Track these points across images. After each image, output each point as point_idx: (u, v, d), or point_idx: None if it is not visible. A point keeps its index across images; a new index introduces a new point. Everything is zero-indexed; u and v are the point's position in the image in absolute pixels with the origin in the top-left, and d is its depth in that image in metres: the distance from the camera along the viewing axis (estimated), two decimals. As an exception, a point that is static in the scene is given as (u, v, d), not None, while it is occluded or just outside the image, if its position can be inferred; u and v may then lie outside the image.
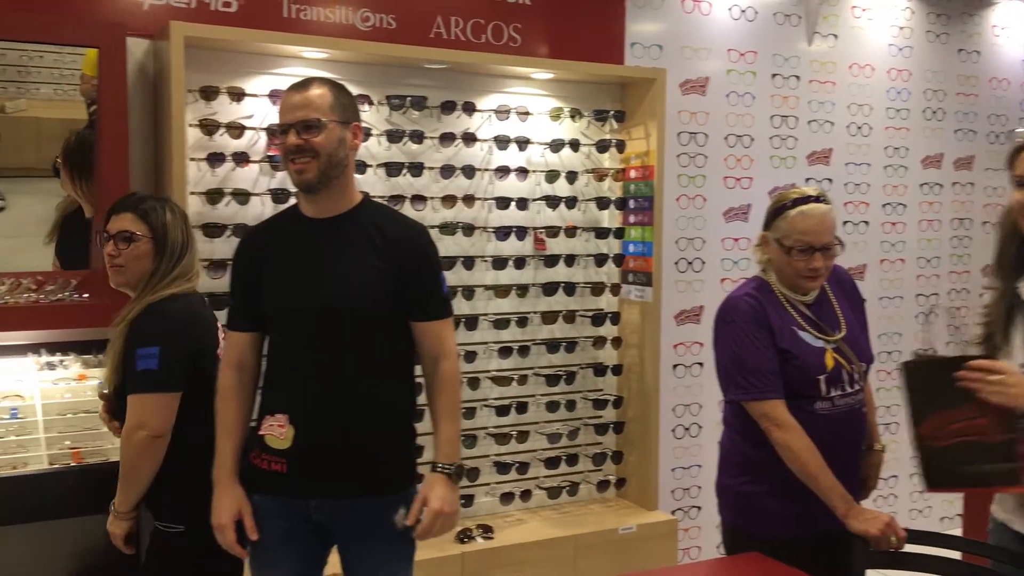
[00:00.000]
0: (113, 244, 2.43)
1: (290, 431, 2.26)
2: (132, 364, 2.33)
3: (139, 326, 2.37)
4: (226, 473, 2.30)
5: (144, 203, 2.48)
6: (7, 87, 5.27)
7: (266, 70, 3.25)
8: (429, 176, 3.53)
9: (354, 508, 2.29)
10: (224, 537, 2.26)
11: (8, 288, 3.00)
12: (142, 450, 2.33)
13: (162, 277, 2.44)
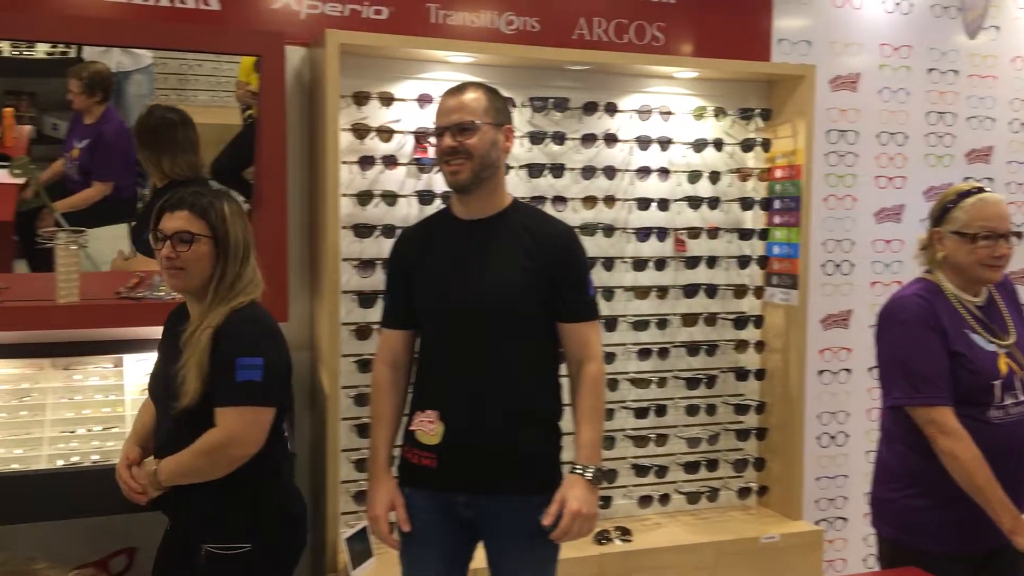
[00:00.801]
0: (170, 246, 2.22)
1: (440, 427, 2.31)
2: (228, 374, 2.16)
3: (236, 334, 2.21)
4: (380, 466, 2.38)
5: (200, 199, 2.26)
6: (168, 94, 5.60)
7: (414, 75, 3.33)
8: (570, 177, 3.54)
9: (500, 506, 2.32)
10: (378, 528, 2.34)
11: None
12: (225, 467, 2.20)
13: (233, 281, 2.26)
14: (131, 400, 2.96)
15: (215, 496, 2.25)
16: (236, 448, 2.20)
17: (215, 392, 2.18)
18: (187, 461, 2.20)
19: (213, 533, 2.26)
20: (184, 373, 2.17)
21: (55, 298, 2.96)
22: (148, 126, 3.59)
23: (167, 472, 2.22)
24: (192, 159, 3.53)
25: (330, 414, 3.09)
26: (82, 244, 3.03)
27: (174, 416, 2.20)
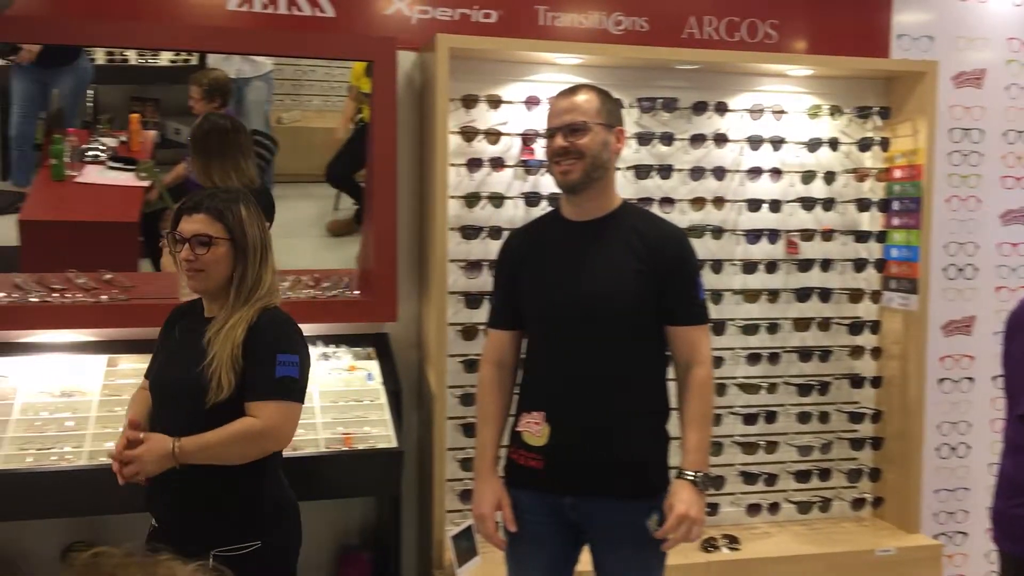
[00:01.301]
0: (188, 248, 2.20)
1: (546, 429, 2.31)
2: (268, 369, 2.16)
3: (275, 330, 2.22)
4: (487, 465, 2.39)
5: (217, 201, 2.24)
6: (283, 100, 5.77)
7: (522, 77, 3.34)
8: (678, 178, 3.49)
9: (607, 509, 2.30)
10: (485, 527, 2.35)
11: (290, 284, 3.27)
12: (252, 456, 2.19)
13: (254, 283, 2.23)
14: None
15: (215, 496, 2.19)
16: (271, 441, 2.20)
17: (251, 386, 2.17)
18: (215, 442, 2.13)
19: (218, 536, 2.17)
20: (215, 369, 2.14)
21: (177, 296, 3.08)
22: (200, 132, 3.68)
23: (188, 449, 2.11)
24: (241, 164, 3.60)
25: (436, 413, 3.13)
26: (205, 245, 3.14)
27: (205, 411, 2.15)
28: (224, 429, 2.14)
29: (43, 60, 4.19)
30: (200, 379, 2.15)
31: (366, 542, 3.38)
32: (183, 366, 2.21)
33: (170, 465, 2.11)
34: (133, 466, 2.09)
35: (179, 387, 2.21)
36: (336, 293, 3.26)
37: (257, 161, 4.79)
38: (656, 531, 2.27)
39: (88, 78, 4.47)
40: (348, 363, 3.25)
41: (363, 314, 3.27)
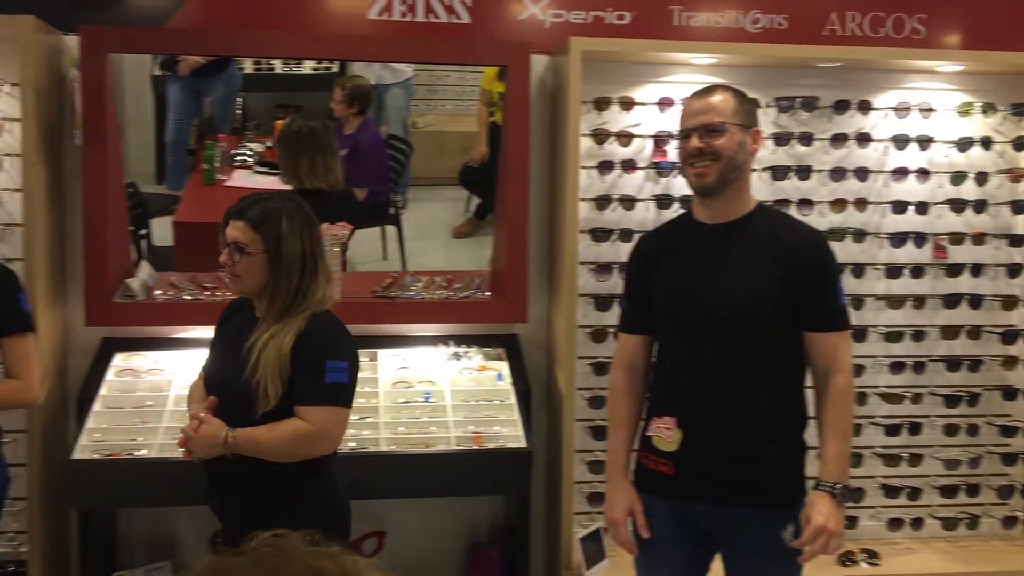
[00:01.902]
0: (227, 253, 2.22)
1: (677, 434, 2.28)
2: (318, 375, 2.18)
3: (324, 338, 2.23)
4: (619, 470, 2.38)
5: (258, 209, 2.22)
6: (418, 105, 5.91)
7: (655, 78, 3.32)
8: (817, 179, 3.38)
9: (740, 517, 2.25)
10: (617, 532, 2.34)
11: (424, 285, 3.34)
12: (300, 456, 2.21)
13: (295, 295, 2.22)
14: (384, 392, 3.14)
15: (273, 493, 2.22)
16: (322, 445, 2.22)
17: (301, 391, 2.18)
18: (265, 439, 2.17)
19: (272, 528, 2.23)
20: (260, 379, 2.16)
21: (319, 295, 3.20)
22: (290, 132, 3.79)
23: (240, 440, 2.16)
24: (329, 163, 3.70)
25: (565, 415, 3.14)
26: (344, 246, 3.25)
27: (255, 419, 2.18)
28: (276, 428, 2.18)
29: (197, 70, 4.44)
30: (247, 388, 2.18)
31: (495, 539, 3.43)
32: (230, 369, 2.24)
33: (219, 452, 2.17)
34: (189, 444, 2.18)
35: (227, 391, 2.24)
36: (468, 294, 3.31)
37: (393, 164, 4.93)
38: (792, 542, 2.21)
39: (237, 87, 4.71)
40: (479, 363, 3.30)
41: (494, 315, 3.32)
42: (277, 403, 2.17)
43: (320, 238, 2.31)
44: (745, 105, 2.28)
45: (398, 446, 2.95)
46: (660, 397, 2.37)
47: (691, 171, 2.26)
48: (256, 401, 2.17)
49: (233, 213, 2.23)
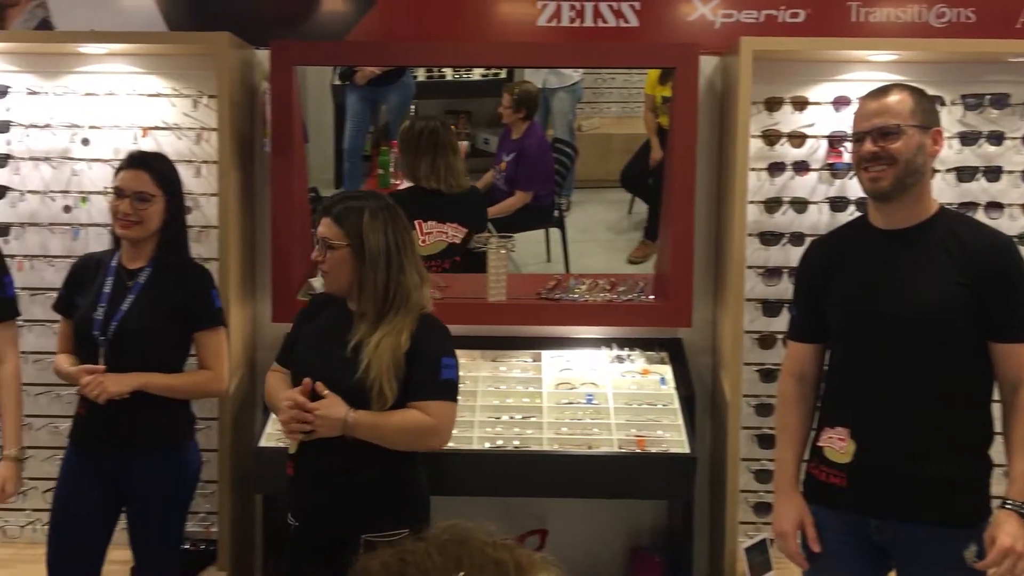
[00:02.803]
0: (318, 250, 2.32)
1: (851, 446, 2.21)
2: (435, 371, 2.29)
3: (437, 336, 2.33)
4: (788, 480, 2.33)
5: (341, 205, 2.32)
6: (583, 108, 5.95)
7: (830, 77, 3.21)
8: (1008, 181, 3.18)
9: (916, 534, 2.16)
10: (786, 545, 2.29)
11: (587, 288, 3.37)
12: (415, 447, 2.33)
13: (385, 291, 2.27)
14: (547, 393, 3.19)
15: (376, 484, 2.30)
16: (438, 438, 2.32)
17: (419, 386, 2.28)
18: (385, 426, 2.25)
19: (371, 522, 2.26)
20: (375, 378, 2.23)
21: (486, 296, 3.29)
22: (410, 133, 3.81)
23: (361, 423, 2.23)
24: (450, 161, 3.70)
25: (731, 422, 3.08)
26: (510, 248, 3.33)
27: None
28: (397, 416, 2.26)
29: (373, 80, 4.65)
30: (360, 387, 2.24)
31: (657, 544, 3.41)
32: (336, 367, 2.29)
33: (337, 433, 2.23)
34: (311, 422, 2.22)
35: (335, 389, 2.27)
36: (632, 297, 3.31)
37: (558, 168, 4.98)
38: (975, 563, 2.09)
39: (411, 94, 4.90)
40: (641, 366, 3.30)
41: (657, 319, 3.30)
42: (395, 401, 2.25)
43: (409, 235, 2.37)
44: (924, 104, 2.18)
45: (561, 446, 2.99)
46: (832, 407, 2.30)
47: (865, 175, 2.18)
48: (371, 400, 2.25)
49: (322, 211, 2.35)
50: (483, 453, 2.96)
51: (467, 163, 4.98)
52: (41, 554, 2.70)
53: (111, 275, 2.64)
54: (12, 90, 3.22)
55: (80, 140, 3.23)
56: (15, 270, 3.21)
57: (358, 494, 2.31)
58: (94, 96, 3.22)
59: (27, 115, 3.23)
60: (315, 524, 2.38)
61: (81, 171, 3.25)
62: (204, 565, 3.14)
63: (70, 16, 3.36)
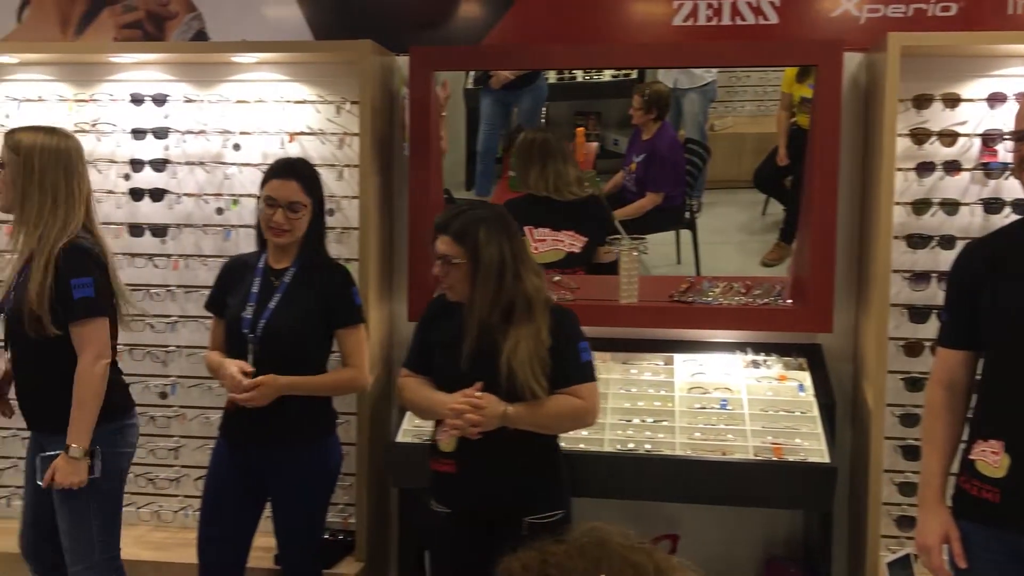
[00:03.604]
0: (439, 266, 2.43)
1: (1005, 459, 2.10)
2: (576, 356, 2.44)
3: (569, 325, 2.46)
4: (933, 493, 2.23)
5: (458, 222, 2.40)
6: (716, 107, 5.83)
7: (984, 73, 3.05)
8: None
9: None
10: (931, 560, 2.20)
11: (721, 291, 3.31)
12: (568, 430, 2.55)
13: (501, 295, 2.37)
14: (679, 396, 3.16)
15: (533, 470, 2.45)
16: (591, 416, 2.47)
17: (564, 373, 2.41)
18: (542, 414, 2.39)
19: (534, 504, 2.43)
20: (524, 382, 2.35)
21: (618, 298, 3.28)
22: (522, 143, 3.81)
23: (519, 415, 2.36)
24: (560, 169, 3.67)
25: (873, 432, 2.97)
26: (642, 251, 3.31)
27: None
28: (552, 404, 2.39)
29: (507, 84, 4.70)
30: (512, 391, 2.36)
31: (793, 555, 3.32)
32: (477, 369, 2.39)
33: (496, 427, 2.34)
34: (475, 418, 2.32)
35: (484, 388, 2.36)
36: (768, 301, 3.24)
37: (689, 168, 4.92)
38: None
39: (544, 96, 4.92)
40: (778, 372, 3.22)
41: (795, 323, 3.22)
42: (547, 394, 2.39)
43: (522, 242, 2.49)
44: (1096, 101, 2.05)
45: (694, 451, 2.95)
46: (986, 418, 2.19)
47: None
48: (525, 398, 2.37)
49: (439, 227, 2.43)
50: (614, 455, 2.95)
51: (596, 164, 4.98)
52: (192, 538, 2.84)
53: (259, 275, 2.76)
54: (170, 98, 3.41)
55: (232, 145, 3.40)
56: (171, 269, 3.43)
57: (522, 481, 2.44)
58: (245, 103, 3.37)
59: (184, 122, 3.42)
60: (477, 510, 2.48)
61: (232, 175, 3.41)
62: (342, 555, 3.25)
63: (223, 27, 3.53)
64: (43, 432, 2.66)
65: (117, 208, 3.46)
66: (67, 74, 3.49)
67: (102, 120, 3.43)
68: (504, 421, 2.36)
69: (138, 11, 3.57)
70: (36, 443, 2.71)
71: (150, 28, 3.57)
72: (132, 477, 3.43)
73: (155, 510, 3.46)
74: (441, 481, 2.51)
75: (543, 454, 2.49)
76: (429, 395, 2.49)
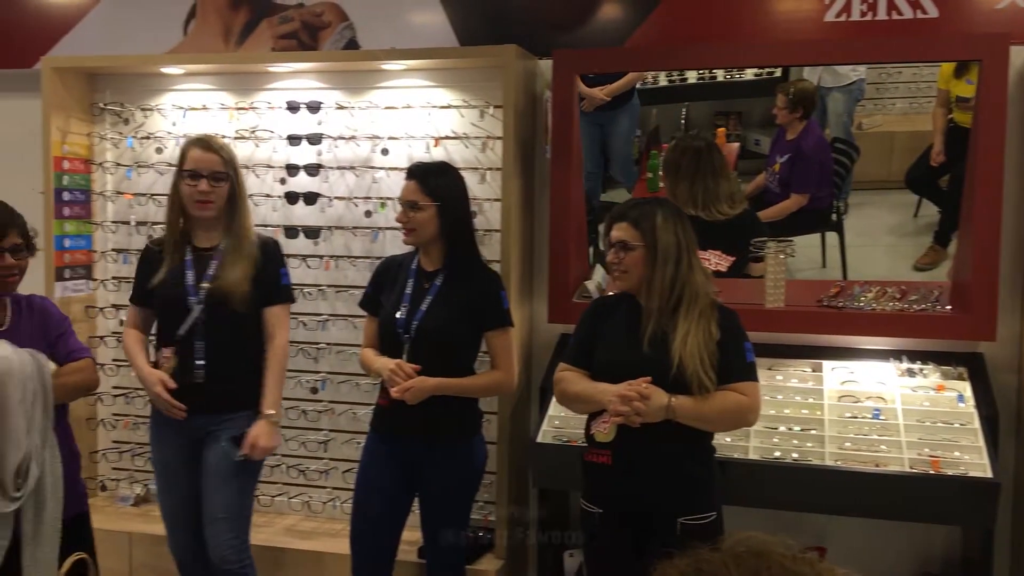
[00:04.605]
0: (614, 252, 2.47)
1: None
2: (742, 355, 2.46)
3: (735, 324, 2.48)
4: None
5: (636, 210, 2.49)
6: (864, 105, 5.61)
7: None
8: None
9: None
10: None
11: (874, 296, 3.19)
12: (730, 428, 2.64)
13: (678, 284, 2.42)
14: (829, 405, 3.06)
15: (696, 465, 2.45)
16: (753, 415, 2.48)
17: (732, 371, 2.43)
18: (709, 409, 2.40)
19: (688, 503, 2.42)
20: (693, 374, 2.38)
21: (763, 302, 3.21)
22: (674, 153, 3.69)
23: (684, 407, 2.38)
24: (709, 185, 3.57)
25: (1040, 445, 2.81)
26: (789, 253, 3.23)
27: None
28: (718, 399, 2.40)
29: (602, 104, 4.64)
30: (680, 381, 2.38)
31: (949, 572, 3.17)
32: (647, 360, 2.41)
33: (660, 418, 2.37)
34: (641, 406, 2.34)
35: (655, 382, 2.39)
36: (925, 307, 3.10)
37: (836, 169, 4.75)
38: None
39: (638, 115, 4.82)
40: (935, 381, 3.08)
41: (955, 331, 3.07)
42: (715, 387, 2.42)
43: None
44: None
45: (844, 461, 2.85)
46: None
47: None
48: (692, 390, 2.39)
49: (616, 216, 2.51)
50: (760, 464, 2.89)
51: (737, 165, 4.87)
52: (339, 528, 2.96)
53: (411, 277, 2.83)
54: (323, 105, 3.54)
55: (380, 150, 3.50)
56: (323, 269, 3.56)
57: (678, 478, 2.43)
58: (393, 109, 3.47)
59: (336, 128, 3.54)
60: (630, 509, 2.47)
61: (380, 179, 3.52)
62: (483, 552, 3.30)
63: (373, 35, 3.64)
64: (223, 412, 2.80)
65: (273, 211, 3.62)
66: (228, 83, 3.68)
67: (260, 127, 3.60)
68: (668, 413, 2.37)
69: (294, 22, 3.72)
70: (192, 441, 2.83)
71: (305, 38, 3.72)
72: (284, 468, 3.62)
73: (305, 500, 3.60)
74: (595, 474, 2.51)
75: (701, 451, 2.49)
76: (592, 385, 2.51)
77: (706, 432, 2.48)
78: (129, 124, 3.78)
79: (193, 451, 2.83)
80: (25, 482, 2.31)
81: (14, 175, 3.91)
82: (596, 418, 2.49)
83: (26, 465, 2.31)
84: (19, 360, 2.31)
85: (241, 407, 2.80)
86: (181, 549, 2.93)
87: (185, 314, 2.79)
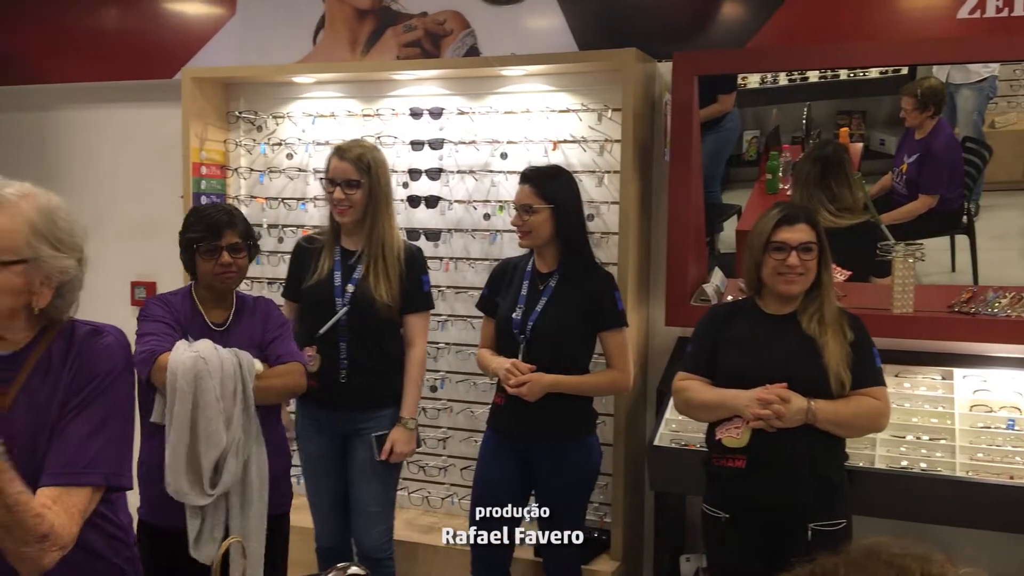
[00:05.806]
0: (795, 256, 2.45)
1: None
2: (872, 359, 2.48)
3: (864, 328, 2.51)
4: None
5: (811, 213, 2.56)
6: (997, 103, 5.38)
7: None
8: None
9: None
10: None
11: (1009, 302, 3.07)
12: (861, 434, 2.67)
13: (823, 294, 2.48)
14: (960, 414, 2.96)
15: (830, 470, 2.43)
16: (885, 419, 2.49)
17: (864, 375, 2.44)
18: (845, 412, 2.41)
19: (820, 509, 2.41)
20: (834, 376, 2.41)
21: (890, 307, 3.13)
22: (804, 161, 3.64)
23: (823, 411, 2.39)
24: (836, 195, 3.51)
25: None
26: (919, 257, 3.13)
27: None
28: (853, 403, 2.42)
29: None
30: (820, 383, 2.41)
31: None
32: (779, 365, 2.43)
33: (799, 422, 2.38)
34: (781, 409, 2.37)
35: (795, 385, 2.41)
36: (1065, 314, 2.96)
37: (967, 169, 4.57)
38: None
39: (733, 139, 4.72)
40: (1076, 393, 2.94)
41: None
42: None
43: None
44: None
45: (976, 473, 2.76)
46: None
47: None
48: (831, 393, 2.41)
49: (788, 219, 2.49)
50: (887, 473, 2.82)
51: (860, 166, 4.74)
52: (457, 523, 3.03)
53: (527, 279, 2.88)
54: (445, 111, 3.63)
55: (499, 154, 3.57)
56: (442, 271, 3.65)
57: (816, 482, 2.41)
58: (512, 114, 3.53)
59: (456, 133, 3.63)
60: (761, 514, 2.44)
61: (499, 182, 3.58)
62: (598, 552, 3.32)
63: (494, 41, 3.71)
64: (367, 410, 2.92)
65: (396, 214, 3.72)
66: (355, 91, 3.81)
67: (385, 133, 3.72)
68: (808, 416, 2.38)
69: (417, 30, 3.83)
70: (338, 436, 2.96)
71: (428, 46, 3.82)
72: (404, 464, 3.72)
73: (425, 495, 3.70)
74: (725, 479, 2.48)
75: (835, 457, 2.48)
76: (722, 392, 2.50)
77: (840, 436, 2.45)
78: (262, 131, 3.96)
79: (340, 447, 2.97)
80: (221, 478, 2.41)
81: (157, 181, 4.16)
82: (721, 425, 2.48)
83: (223, 461, 2.41)
84: (218, 359, 2.42)
85: (385, 405, 2.92)
86: (330, 538, 3.06)
87: (331, 314, 2.91)
